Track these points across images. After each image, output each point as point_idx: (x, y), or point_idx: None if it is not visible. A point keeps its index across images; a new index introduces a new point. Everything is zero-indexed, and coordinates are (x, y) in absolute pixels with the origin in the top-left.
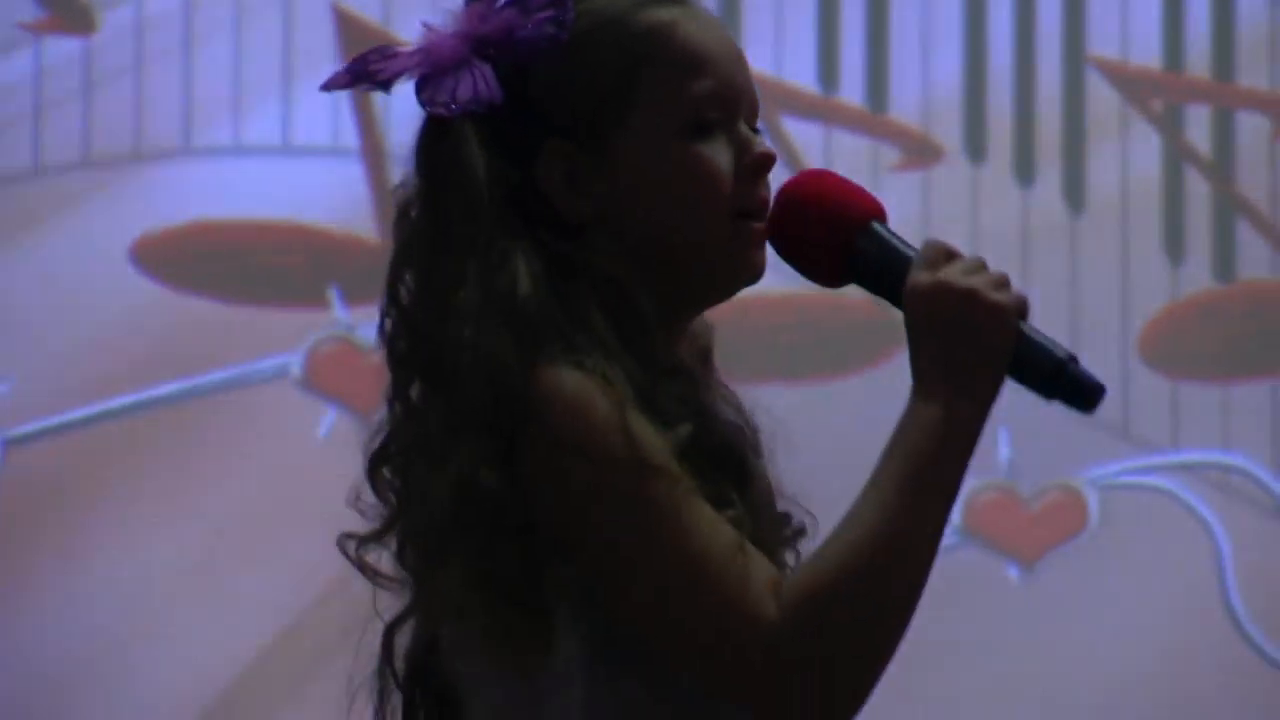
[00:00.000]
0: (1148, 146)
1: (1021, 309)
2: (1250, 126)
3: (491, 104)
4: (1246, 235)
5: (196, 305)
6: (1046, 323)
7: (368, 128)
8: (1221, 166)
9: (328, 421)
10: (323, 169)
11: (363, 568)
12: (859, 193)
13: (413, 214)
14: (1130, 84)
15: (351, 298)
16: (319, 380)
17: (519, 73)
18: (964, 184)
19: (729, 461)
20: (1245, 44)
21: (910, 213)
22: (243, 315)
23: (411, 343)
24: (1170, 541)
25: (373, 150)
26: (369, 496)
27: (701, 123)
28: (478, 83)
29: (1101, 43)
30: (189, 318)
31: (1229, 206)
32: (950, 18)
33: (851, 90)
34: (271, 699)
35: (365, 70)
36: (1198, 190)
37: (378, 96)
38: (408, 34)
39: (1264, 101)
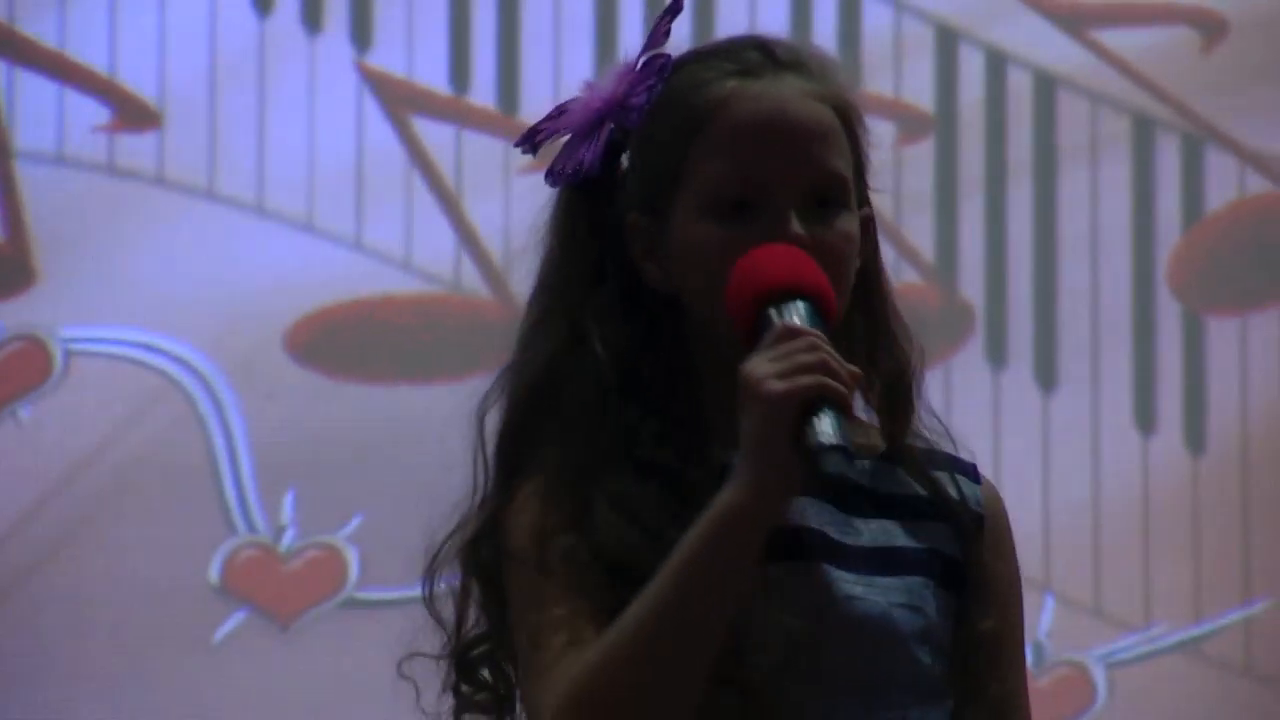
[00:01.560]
0: None
1: (812, 395)
2: (874, 131)
3: (588, 176)
4: None
5: None
6: None
7: None
8: None
9: None
10: None
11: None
12: (777, 271)
13: None
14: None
15: None
16: None
17: (621, 141)
18: None
19: (612, 570)
20: (870, 50)
21: (541, 215)
22: None
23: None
24: None
25: None
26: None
27: (729, 202)
28: (584, 155)
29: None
30: None
31: None
32: (581, 17)
33: (483, 91)
34: None
35: (537, 128)
36: None
37: (4, 90)
38: (34, 29)
39: (888, 107)
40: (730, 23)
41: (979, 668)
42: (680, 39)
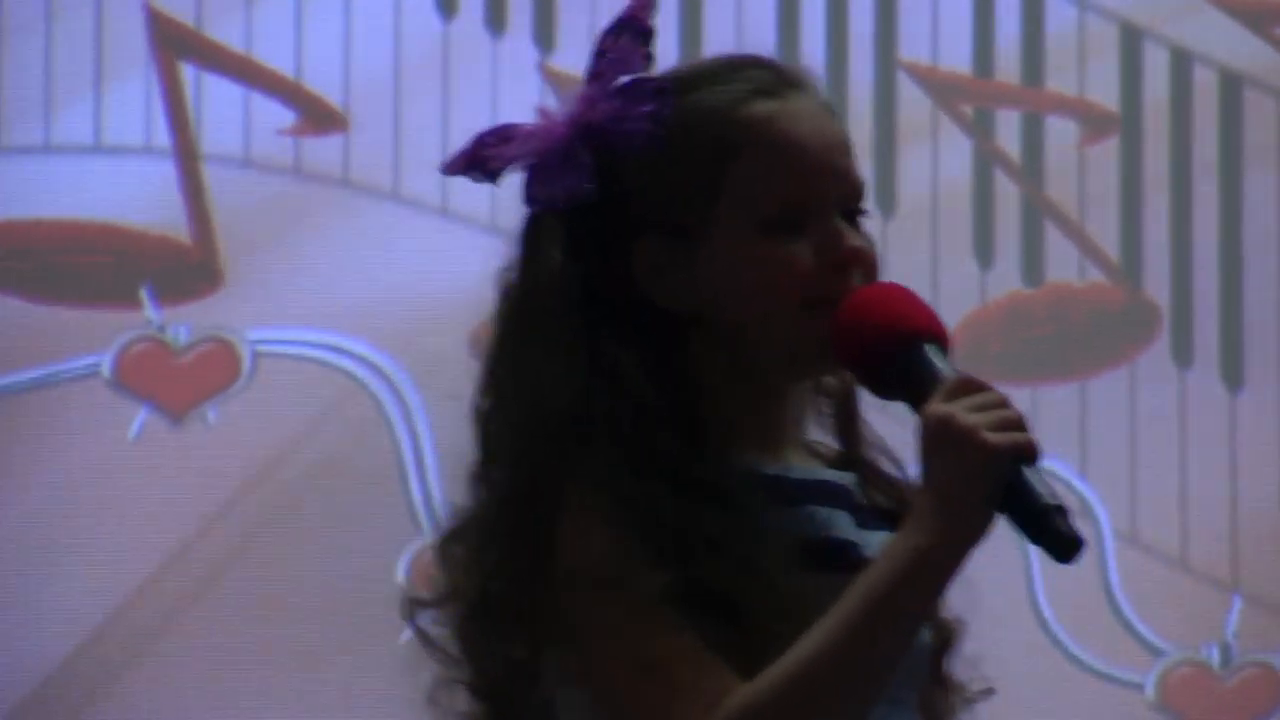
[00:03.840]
0: (958, 150)
1: (1022, 452)
2: (1058, 131)
3: (584, 202)
4: (1055, 238)
5: (4, 304)
6: None
7: (181, 128)
8: (1030, 170)
9: (139, 421)
10: (135, 169)
11: (419, 636)
12: (913, 313)
13: (506, 301)
14: (941, 88)
15: (163, 297)
16: (129, 380)
17: (617, 164)
18: None
19: (715, 608)
20: (1053, 49)
21: None
22: (52, 315)
23: (483, 427)
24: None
25: (186, 151)
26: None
27: (784, 219)
28: (574, 180)
29: (912, 47)
30: None
31: (1038, 210)
32: (764, 19)
33: None
34: (79, 700)
35: (480, 155)
36: (1007, 193)
37: (191, 94)
38: (221, 34)
39: (1071, 106)
40: (912, 22)
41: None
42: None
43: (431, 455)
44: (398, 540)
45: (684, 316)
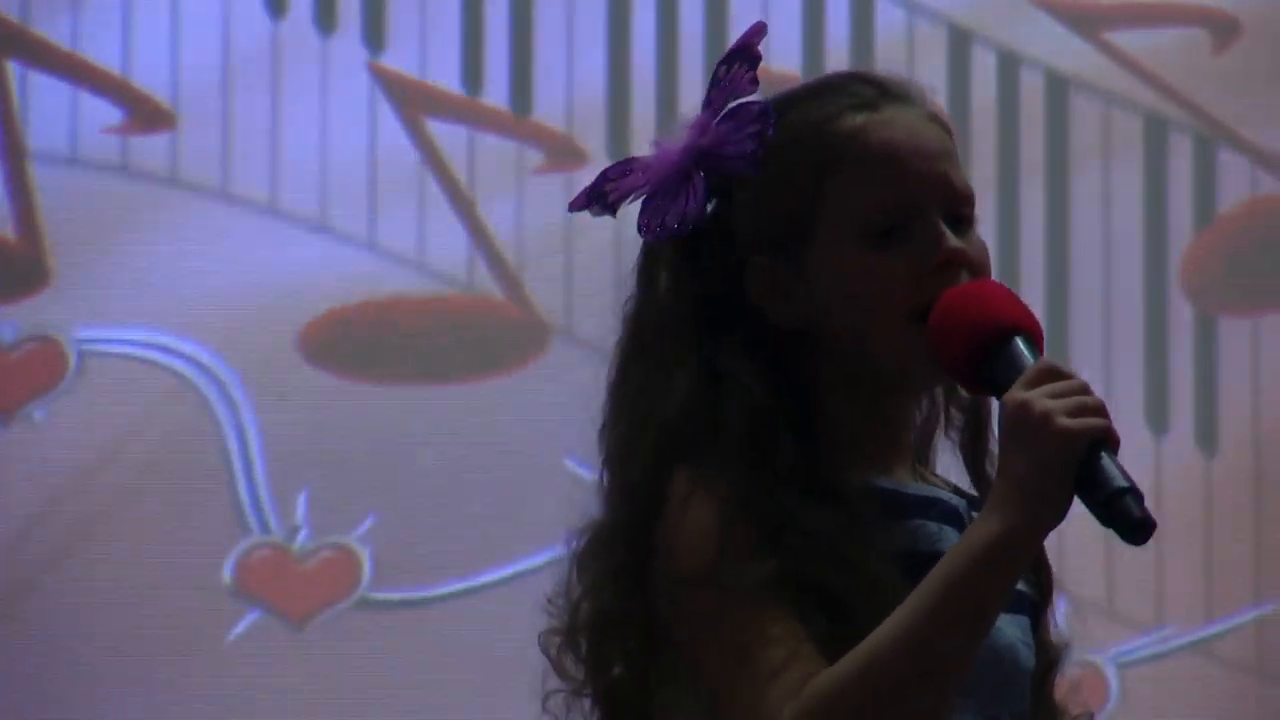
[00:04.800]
0: None
1: (1099, 436)
2: None
3: (696, 226)
4: None
5: None
6: None
7: (8, 125)
8: None
9: None
10: None
11: (554, 666)
12: (1002, 308)
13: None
14: (773, 88)
15: None
16: None
17: (727, 186)
18: None
19: (824, 600)
20: (883, 51)
21: (554, 215)
22: None
23: (602, 444)
24: None
25: (12, 148)
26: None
27: (883, 228)
28: (686, 206)
29: None
30: None
31: None
32: (594, 20)
33: (496, 92)
34: None
35: (601, 189)
36: None
37: (17, 91)
38: (48, 31)
39: None
40: (745, 23)
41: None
42: (693, 35)
43: (259, 454)
44: (225, 538)
45: (796, 332)
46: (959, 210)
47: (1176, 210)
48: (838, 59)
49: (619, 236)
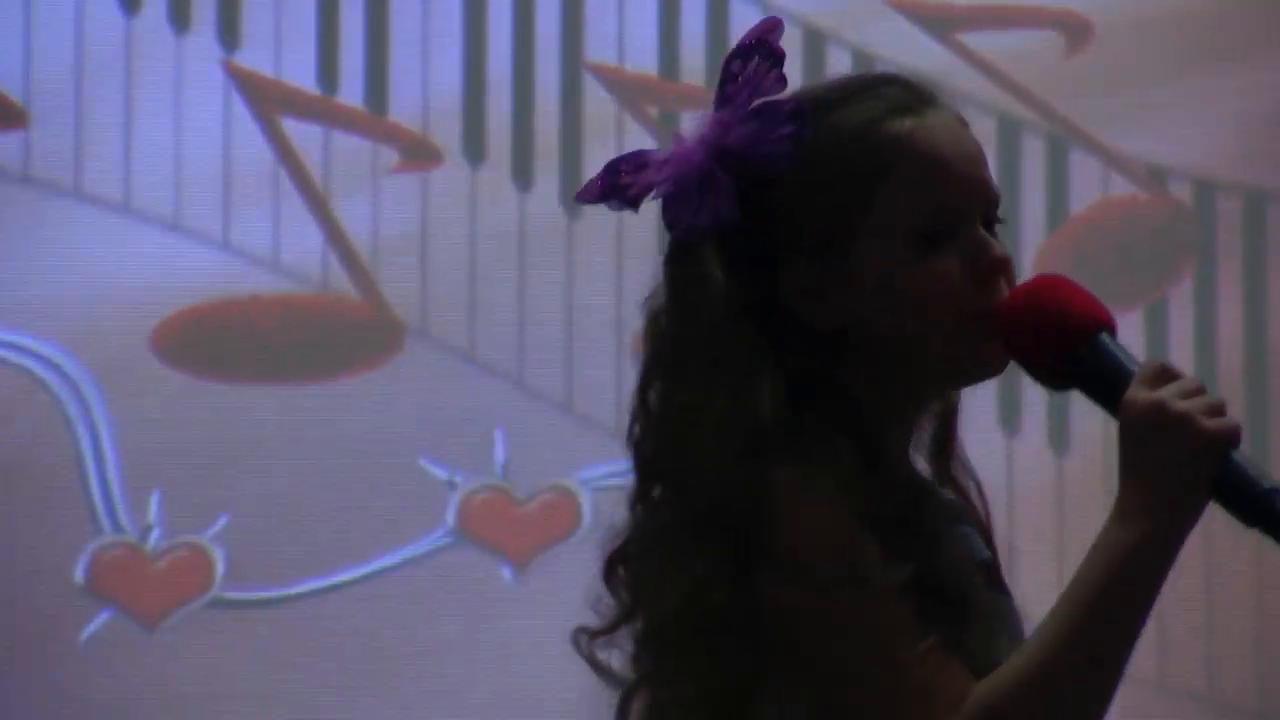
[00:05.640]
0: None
1: (1233, 437)
2: None
3: (730, 225)
4: None
5: None
6: (544, 322)
7: None
8: None
9: None
10: None
11: (595, 665)
12: (1086, 303)
13: (662, 324)
14: (627, 90)
15: None
16: None
17: (759, 187)
18: (463, 186)
19: (948, 601)
20: None
21: (410, 215)
22: None
23: (656, 449)
24: None
25: None
26: (608, 597)
27: (932, 233)
28: (718, 204)
29: (599, 49)
30: None
31: None
32: (450, 21)
33: (351, 91)
34: None
35: (617, 183)
36: None
37: None
38: None
39: None
40: (601, 23)
41: None
42: (548, 36)
43: (112, 453)
44: (77, 538)
45: (830, 335)
46: (992, 214)
47: (1030, 210)
48: (694, 60)
49: (473, 234)
